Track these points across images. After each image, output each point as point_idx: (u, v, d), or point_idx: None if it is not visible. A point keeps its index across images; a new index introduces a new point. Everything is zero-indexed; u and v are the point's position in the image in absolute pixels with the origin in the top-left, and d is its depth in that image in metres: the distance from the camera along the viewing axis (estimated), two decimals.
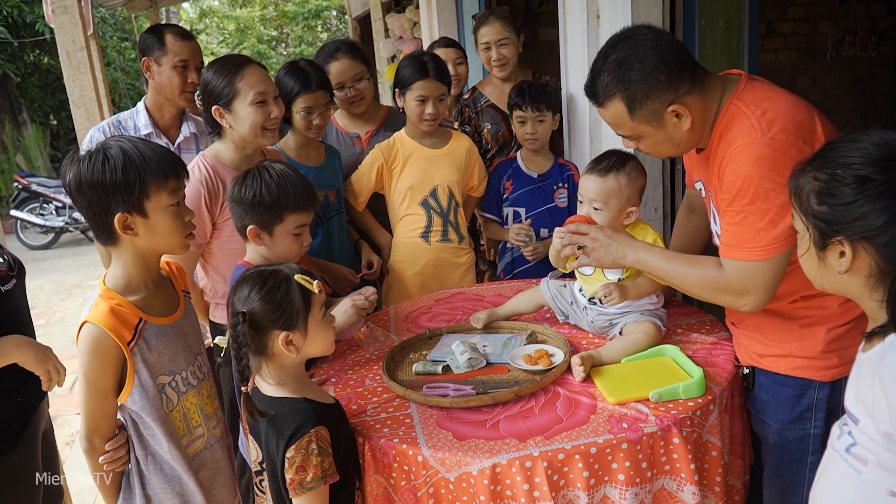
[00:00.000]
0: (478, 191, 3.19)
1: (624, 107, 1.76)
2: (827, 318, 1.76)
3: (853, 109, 6.48)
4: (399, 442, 1.69)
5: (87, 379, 1.71)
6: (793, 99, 1.70)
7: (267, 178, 2.07)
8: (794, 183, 1.39)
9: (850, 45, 6.46)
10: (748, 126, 1.66)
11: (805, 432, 1.82)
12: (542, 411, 1.77)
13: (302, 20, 20.07)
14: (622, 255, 1.92)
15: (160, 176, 1.69)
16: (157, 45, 2.84)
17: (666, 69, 1.71)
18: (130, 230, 1.69)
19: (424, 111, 2.89)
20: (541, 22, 5.56)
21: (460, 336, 2.25)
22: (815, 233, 1.33)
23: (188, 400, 1.85)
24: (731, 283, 1.73)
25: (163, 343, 1.78)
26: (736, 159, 1.66)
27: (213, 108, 2.32)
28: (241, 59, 2.37)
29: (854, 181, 1.26)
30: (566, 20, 3.20)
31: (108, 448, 1.78)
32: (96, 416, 1.75)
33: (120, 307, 1.72)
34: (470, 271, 3.14)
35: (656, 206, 2.98)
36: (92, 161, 1.65)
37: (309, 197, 2.11)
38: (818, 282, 1.41)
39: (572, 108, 3.25)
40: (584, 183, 2.13)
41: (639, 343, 2.01)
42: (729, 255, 1.73)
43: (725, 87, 1.78)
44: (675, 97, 1.73)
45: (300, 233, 2.12)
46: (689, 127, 1.75)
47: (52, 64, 13.37)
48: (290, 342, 1.63)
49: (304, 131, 2.79)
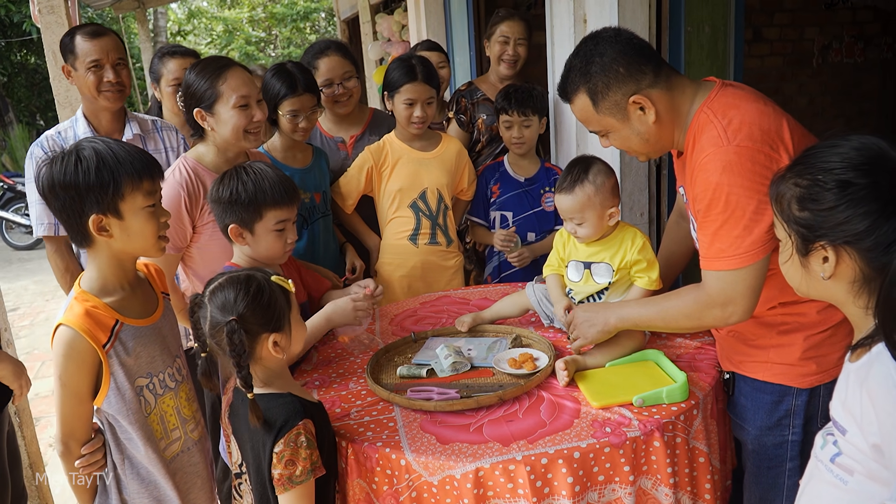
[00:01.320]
0: (467, 194, 3.19)
1: (588, 99, 1.80)
2: (805, 325, 1.77)
3: (839, 115, 6.52)
4: (382, 446, 1.69)
5: (62, 382, 1.68)
6: (761, 107, 1.71)
7: (244, 176, 2.08)
8: (774, 190, 1.39)
9: (837, 51, 6.50)
10: (714, 135, 1.68)
11: (783, 438, 1.82)
12: (525, 415, 1.77)
13: (290, 22, 20.03)
14: (605, 322, 1.94)
15: (134, 177, 1.66)
16: (70, 48, 2.75)
17: (625, 60, 1.75)
18: (105, 232, 1.67)
19: (413, 114, 2.89)
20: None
21: (445, 339, 2.25)
22: (797, 239, 1.33)
23: (165, 402, 1.83)
24: (714, 296, 1.72)
25: (140, 345, 1.76)
26: (705, 169, 1.68)
27: (195, 111, 2.30)
28: (223, 62, 2.34)
29: (836, 186, 1.26)
30: (553, 24, 3.21)
31: (84, 452, 1.76)
32: (72, 419, 1.73)
33: (95, 309, 1.69)
34: (458, 274, 3.14)
35: (642, 210, 2.99)
36: (64, 162, 1.63)
37: (287, 192, 2.11)
38: (802, 289, 1.41)
39: (559, 111, 3.26)
40: (557, 202, 2.16)
41: (623, 348, 2.02)
42: (709, 266, 1.73)
43: (697, 92, 1.79)
44: (637, 88, 1.75)
45: (282, 228, 2.11)
46: (654, 119, 1.77)
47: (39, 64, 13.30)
48: (276, 343, 1.63)
49: (291, 134, 2.78)
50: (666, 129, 1.81)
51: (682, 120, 1.80)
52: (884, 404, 1.17)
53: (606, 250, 2.15)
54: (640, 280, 2.13)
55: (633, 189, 2.93)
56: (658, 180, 3.03)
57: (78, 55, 2.72)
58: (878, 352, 1.21)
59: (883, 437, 1.18)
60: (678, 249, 2.33)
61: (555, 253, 2.30)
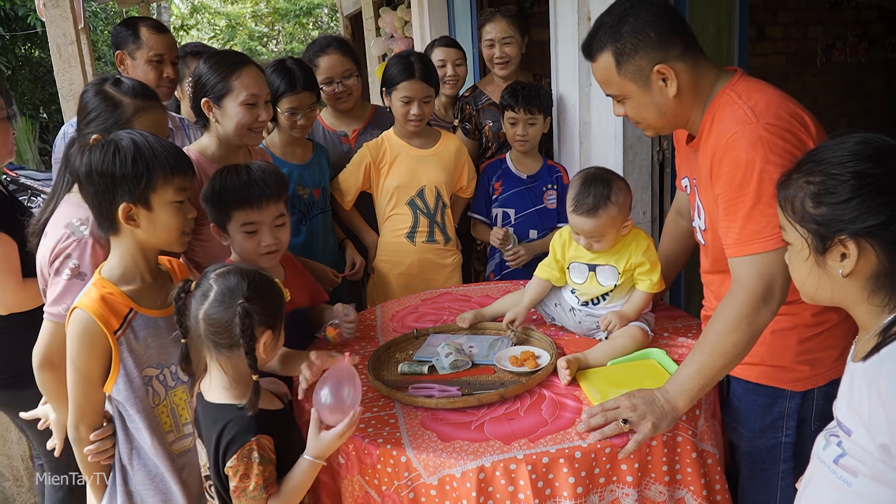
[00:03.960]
0: (467, 192, 3.18)
1: (612, 60, 1.74)
2: (799, 327, 1.74)
3: (842, 115, 6.50)
4: (383, 442, 1.68)
5: (74, 366, 1.72)
6: (784, 94, 1.69)
7: None
8: (782, 194, 1.36)
9: (841, 50, 6.49)
10: (740, 113, 1.64)
11: (776, 441, 1.81)
12: (527, 413, 1.77)
13: (293, 17, 19.99)
14: (674, 407, 1.66)
15: (168, 171, 1.73)
16: (132, 39, 2.79)
17: (657, 28, 1.70)
18: (133, 221, 1.73)
19: (409, 112, 2.88)
20: (532, 23, 5.53)
21: (447, 336, 2.25)
22: (813, 238, 1.30)
23: (177, 395, 1.84)
24: (753, 287, 1.61)
25: (151, 335, 1.79)
26: (735, 147, 1.62)
27: (202, 100, 2.30)
28: (240, 58, 2.35)
29: (852, 177, 1.24)
30: (557, 22, 3.19)
31: (94, 438, 1.78)
32: (83, 404, 1.76)
33: (111, 296, 1.74)
34: (455, 272, 3.13)
35: (645, 209, 2.98)
36: (104, 151, 1.70)
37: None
38: (812, 292, 1.36)
39: (563, 109, 3.24)
40: (576, 223, 2.08)
41: (625, 347, 2.01)
42: (743, 251, 1.63)
43: (720, 76, 1.76)
44: (664, 57, 1.71)
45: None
46: (674, 93, 1.72)
47: (43, 57, 13.27)
48: (265, 344, 1.62)
49: (289, 130, 2.79)
50: (684, 106, 1.76)
51: (701, 100, 1.76)
52: (893, 406, 1.17)
53: (612, 253, 2.13)
54: (641, 283, 2.12)
55: (637, 187, 2.92)
56: (661, 178, 3.02)
57: (142, 46, 2.79)
58: (890, 352, 1.21)
59: (893, 437, 1.17)
60: (677, 248, 2.31)
61: (551, 256, 2.25)
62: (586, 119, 3.08)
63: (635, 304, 2.12)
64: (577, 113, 3.10)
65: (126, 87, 2.04)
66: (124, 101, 2.02)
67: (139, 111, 2.04)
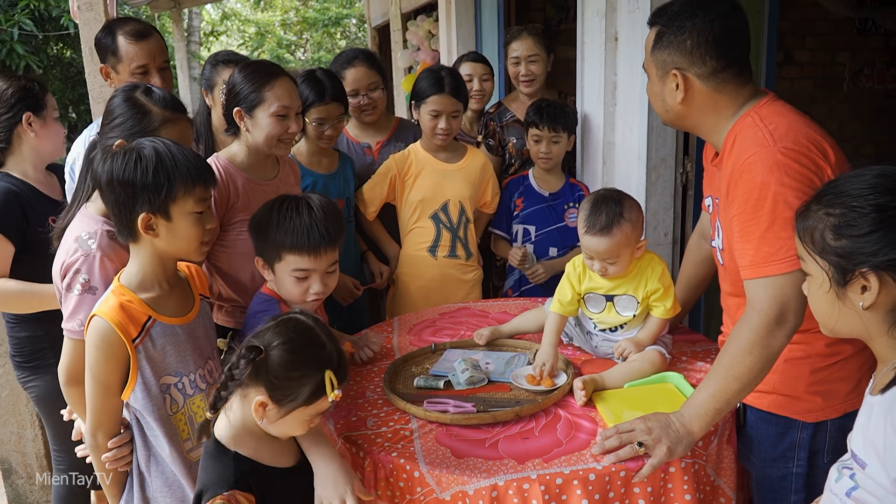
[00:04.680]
0: (490, 207, 3.19)
1: (653, 38, 1.80)
2: (812, 357, 1.73)
3: (868, 141, 6.45)
4: (397, 456, 1.69)
5: (92, 373, 1.72)
6: (808, 120, 1.69)
7: None
8: (801, 225, 1.36)
9: (868, 76, 6.44)
10: (759, 136, 1.65)
11: (787, 471, 1.79)
12: (542, 433, 1.76)
13: (322, 27, 20.17)
14: (689, 432, 1.64)
15: (188, 181, 1.71)
16: (112, 51, 2.57)
17: (700, 39, 1.72)
18: (152, 230, 1.71)
19: (437, 125, 2.90)
20: (559, 41, 5.57)
21: (463, 352, 2.25)
22: (834, 271, 1.29)
23: (195, 403, 1.84)
24: (767, 310, 1.60)
25: (170, 343, 1.78)
26: (750, 169, 1.62)
27: (234, 109, 2.32)
28: (274, 70, 2.36)
29: (873, 210, 1.24)
30: (584, 41, 3.21)
31: (111, 446, 1.78)
32: (101, 412, 1.76)
33: (130, 303, 1.73)
34: (476, 288, 3.13)
35: (666, 230, 2.98)
36: (125, 159, 1.68)
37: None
38: (831, 324, 1.36)
39: (587, 128, 3.25)
40: (589, 244, 2.05)
41: (642, 370, 2.00)
42: (756, 273, 1.62)
43: (751, 97, 1.77)
44: (686, 67, 1.74)
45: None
46: (679, 101, 1.77)
47: (75, 58, 13.45)
48: (265, 406, 1.49)
49: (316, 140, 2.81)
50: (691, 116, 1.81)
51: (721, 120, 1.78)
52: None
53: (629, 281, 2.12)
54: (656, 309, 2.11)
55: (658, 208, 2.92)
56: (684, 200, 3.01)
57: (122, 59, 2.57)
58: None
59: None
60: (699, 272, 2.30)
61: (568, 288, 2.17)
62: (610, 138, 3.08)
63: (650, 330, 2.11)
64: (601, 132, 3.10)
65: (157, 98, 2.04)
66: (153, 111, 2.01)
67: (167, 122, 2.03)
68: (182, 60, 11.44)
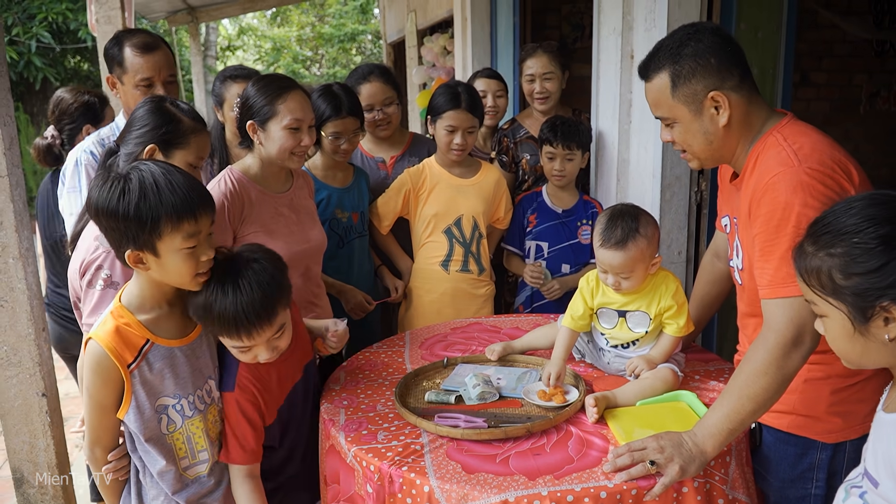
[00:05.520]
0: (503, 223, 3.19)
1: (669, 81, 1.75)
2: (832, 378, 1.71)
3: (883, 164, 6.42)
4: (408, 470, 1.68)
5: (88, 394, 1.71)
6: (831, 140, 1.69)
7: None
8: (802, 266, 1.33)
9: (885, 98, 6.42)
10: (784, 156, 1.64)
11: (806, 492, 1.77)
12: (553, 450, 1.75)
13: (337, 42, 20.35)
14: (702, 451, 1.63)
15: (174, 218, 1.60)
16: (118, 61, 2.56)
17: (718, 55, 1.71)
18: (142, 264, 1.65)
19: (453, 141, 2.91)
20: (574, 58, 5.59)
21: (475, 367, 2.24)
22: (851, 310, 1.27)
23: (193, 424, 1.81)
24: (784, 331, 1.59)
25: (168, 366, 1.75)
26: (774, 188, 1.61)
27: (248, 123, 2.34)
28: (287, 83, 2.37)
29: (879, 243, 1.22)
30: (600, 59, 3.21)
31: (111, 458, 1.79)
32: (98, 429, 1.76)
33: (127, 327, 1.70)
34: (488, 303, 3.13)
35: (680, 249, 2.97)
36: (111, 190, 1.59)
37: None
38: (857, 360, 1.33)
39: (601, 145, 3.25)
40: (604, 258, 2.05)
41: (655, 388, 1.99)
42: (775, 293, 1.61)
43: (771, 116, 1.76)
44: (720, 85, 1.71)
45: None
46: (725, 122, 1.72)
47: (92, 70, 13.62)
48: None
49: (332, 154, 2.83)
50: (732, 138, 1.77)
51: (749, 136, 1.76)
52: None
53: (642, 298, 2.11)
54: (669, 327, 2.10)
55: (672, 227, 2.91)
56: (698, 218, 3.00)
57: (127, 70, 2.55)
58: None
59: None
60: (712, 290, 2.29)
61: (580, 302, 2.17)
62: (625, 156, 3.08)
63: (663, 348, 2.09)
64: (615, 150, 3.10)
65: (184, 109, 2.08)
66: (184, 120, 2.04)
67: (195, 132, 2.06)
68: (199, 74, 11.55)
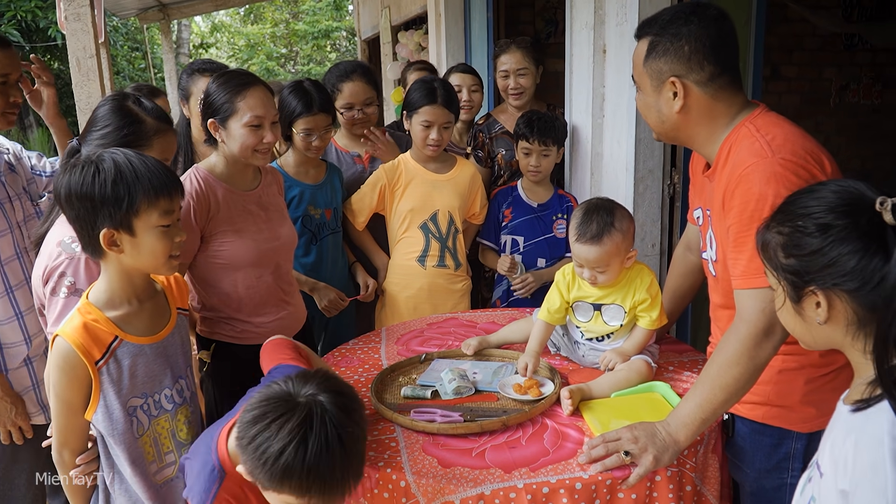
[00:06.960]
0: (478, 218, 3.19)
1: (645, 49, 1.78)
2: (807, 367, 1.73)
3: (854, 156, 6.51)
4: (384, 466, 1.68)
5: (55, 393, 1.67)
6: (803, 131, 1.70)
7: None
8: (759, 239, 1.37)
9: (854, 91, 6.51)
10: (757, 147, 1.65)
11: (782, 482, 1.79)
12: (528, 442, 1.76)
13: (312, 39, 20.25)
14: (675, 441, 1.65)
15: (151, 194, 1.62)
16: None
17: (697, 45, 1.71)
18: (116, 246, 1.64)
19: (429, 136, 2.90)
20: (548, 53, 5.60)
21: (451, 362, 2.24)
22: (787, 287, 1.31)
23: (159, 424, 1.77)
24: (755, 321, 1.60)
25: (137, 364, 1.72)
26: (748, 179, 1.62)
27: (209, 121, 2.31)
28: (246, 79, 2.32)
29: (817, 230, 1.24)
30: (573, 53, 3.23)
31: (79, 462, 1.75)
32: (66, 430, 1.71)
33: (95, 323, 1.66)
34: (465, 298, 3.13)
35: (653, 241, 2.99)
36: (83, 172, 1.60)
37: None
38: (803, 338, 1.37)
39: (576, 140, 3.26)
40: (580, 252, 2.06)
41: (629, 379, 2.00)
42: (748, 284, 1.63)
43: (743, 109, 1.77)
44: (684, 74, 1.73)
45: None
46: (678, 110, 1.75)
47: (62, 69, 13.43)
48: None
49: (304, 151, 2.81)
50: (688, 125, 1.79)
51: (715, 128, 1.78)
52: (864, 460, 1.13)
53: (617, 291, 2.12)
54: (642, 320, 2.11)
55: (646, 220, 2.93)
56: (671, 211, 3.03)
57: None
58: (880, 409, 1.17)
59: (852, 485, 1.14)
60: (685, 283, 2.30)
61: (557, 296, 2.19)
62: (598, 150, 3.10)
63: (636, 341, 2.11)
64: (589, 144, 3.12)
65: (148, 108, 2.02)
66: (147, 121, 1.99)
67: (159, 133, 2.01)
68: (171, 72, 11.41)
